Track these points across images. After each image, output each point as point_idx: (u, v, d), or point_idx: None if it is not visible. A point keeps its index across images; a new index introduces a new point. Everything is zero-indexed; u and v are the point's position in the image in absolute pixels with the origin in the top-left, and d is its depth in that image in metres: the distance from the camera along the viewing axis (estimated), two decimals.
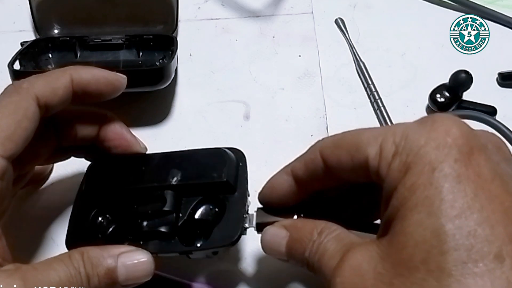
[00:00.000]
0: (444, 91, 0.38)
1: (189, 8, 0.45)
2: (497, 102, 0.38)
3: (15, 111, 0.23)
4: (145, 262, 0.24)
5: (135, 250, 0.24)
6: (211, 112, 0.39)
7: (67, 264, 0.22)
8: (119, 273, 0.23)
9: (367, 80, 0.40)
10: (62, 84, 0.25)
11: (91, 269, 0.23)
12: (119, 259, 0.23)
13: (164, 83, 0.35)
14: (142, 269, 0.24)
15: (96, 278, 0.23)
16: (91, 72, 0.27)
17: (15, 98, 0.24)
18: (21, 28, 0.44)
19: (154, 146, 0.36)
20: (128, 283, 0.24)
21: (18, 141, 0.23)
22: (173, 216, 0.26)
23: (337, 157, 0.22)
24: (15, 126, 0.23)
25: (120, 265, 0.23)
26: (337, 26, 0.44)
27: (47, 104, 0.25)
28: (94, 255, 0.23)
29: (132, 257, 0.24)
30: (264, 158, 0.37)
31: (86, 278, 0.22)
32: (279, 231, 0.25)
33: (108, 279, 0.23)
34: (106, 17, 0.42)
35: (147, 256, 0.24)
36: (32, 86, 0.24)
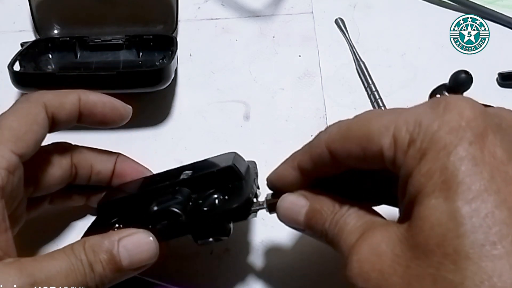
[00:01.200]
0: (444, 91, 0.38)
1: (189, 8, 0.45)
2: (497, 102, 0.38)
3: (26, 115, 0.24)
4: (148, 242, 0.24)
5: (136, 231, 0.24)
6: (211, 112, 0.39)
7: (68, 254, 0.22)
8: (122, 257, 0.23)
9: (367, 80, 0.40)
10: (70, 101, 0.27)
11: (93, 256, 0.23)
12: (120, 243, 0.23)
13: (164, 84, 0.35)
14: (146, 250, 0.24)
15: (100, 265, 0.23)
16: (99, 96, 0.28)
17: (26, 104, 0.25)
18: (21, 28, 0.44)
19: (154, 146, 0.36)
20: (133, 266, 0.23)
21: (28, 143, 0.24)
22: (183, 202, 0.26)
23: (347, 150, 0.22)
24: (26, 128, 0.24)
25: (122, 249, 0.23)
26: (337, 26, 0.44)
27: (54, 116, 0.26)
28: (95, 242, 0.23)
29: (133, 239, 0.24)
30: (264, 158, 0.36)
31: (89, 267, 0.22)
32: (298, 199, 0.25)
33: (111, 264, 0.23)
34: (106, 17, 0.42)
35: (149, 236, 0.24)
36: (41, 96, 0.26)
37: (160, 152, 0.37)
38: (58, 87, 0.35)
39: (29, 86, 0.36)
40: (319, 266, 0.31)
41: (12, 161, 0.23)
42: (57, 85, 0.35)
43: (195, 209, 0.26)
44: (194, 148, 0.37)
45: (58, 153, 0.28)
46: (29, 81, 0.36)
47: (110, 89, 0.35)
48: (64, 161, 0.28)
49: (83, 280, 0.22)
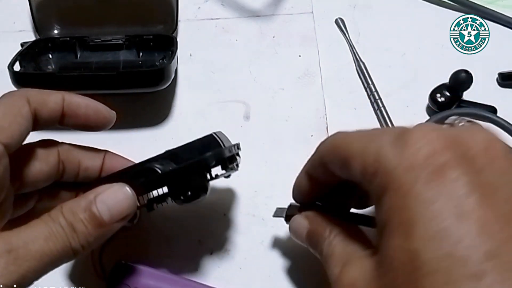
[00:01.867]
0: (444, 90, 0.38)
1: (189, 8, 0.45)
2: (497, 102, 0.38)
3: (10, 107, 0.24)
4: (124, 192, 0.24)
5: (111, 186, 0.24)
6: (211, 112, 0.39)
7: (46, 221, 0.22)
8: (102, 211, 0.23)
9: (367, 80, 0.40)
10: (53, 99, 0.26)
11: (73, 217, 0.23)
12: (97, 199, 0.24)
13: (164, 84, 0.35)
14: (123, 200, 0.24)
15: (81, 224, 0.23)
16: (83, 98, 0.28)
17: (10, 98, 0.25)
18: (21, 28, 0.44)
19: (154, 147, 0.36)
20: (114, 219, 0.24)
21: (13, 133, 0.24)
22: (164, 165, 0.27)
23: (334, 166, 0.24)
24: (11, 119, 0.24)
25: (100, 204, 0.23)
26: (337, 26, 0.44)
27: (36, 112, 0.26)
28: (72, 204, 0.23)
29: (109, 193, 0.24)
30: (264, 158, 0.37)
31: (69, 227, 0.22)
32: (302, 221, 0.28)
33: (93, 221, 0.23)
34: (106, 17, 0.42)
35: (125, 187, 0.25)
36: (25, 92, 0.26)
37: (160, 152, 0.37)
38: (58, 87, 0.35)
39: (29, 86, 0.35)
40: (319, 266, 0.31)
41: (0, 151, 0.23)
42: (57, 85, 0.35)
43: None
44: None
45: (44, 149, 0.27)
46: (29, 81, 0.35)
47: (110, 89, 0.35)
48: (51, 157, 0.27)
49: (65, 242, 0.22)
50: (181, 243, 0.33)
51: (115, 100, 0.39)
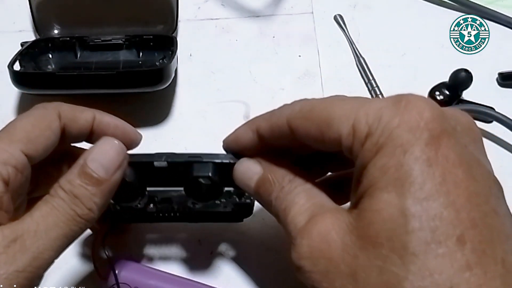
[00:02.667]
0: (444, 89, 0.38)
1: (189, 8, 0.45)
2: (497, 102, 0.38)
3: (41, 120, 0.24)
4: (112, 144, 0.24)
5: (96, 143, 0.25)
6: (211, 112, 0.39)
7: (46, 200, 0.22)
8: (96, 169, 0.23)
9: (367, 76, 0.40)
10: (84, 117, 0.26)
11: (70, 185, 0.23)
12: (86, 160, 0.23)
13: (164, 84, 0.35)
14: (111, 151, 0.24)
15: (80, 188, 0.23)
16: (113, 118, 0.28)
17: (42, 110, 0.25)
18: (21, 28, 0.44)
19: (154, 147, 0.36)
20: (110, 172, 0.23)
21: (39, 146, 0.24)
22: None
23: (306, 130, 0.22)
24: (39, 132, 0.24)
25: (91, 163, 0.23)
26: (336, 22, 0.44)
27: (66, 127, 0.26)
28: (66, 176, 0.23)
29: (98, 150, 0.24)
30: None
31: (70, 196, 0.22)
32: (253, 166, 0.25)
33: (91, 181, 0.23)
34: (106, 17, 0.42)
35: (109, 139, 0.25)
36: (58, 106, 0.26)
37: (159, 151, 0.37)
38: (58, 87, 0.35)
39: (29, 86, 0.36)
40: None
41: (21, 160, 0.23)
42: (57, 85, 0.35)
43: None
44: (194, 148, 0.37)
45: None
46: (29, 80, 0.36)
47: (110, 88, 0.35)
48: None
49: (68, 212, 0.22)
50: (181, 243, 0.33)
51: (115, 100, 0.39)
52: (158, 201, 0.29)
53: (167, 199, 0.29)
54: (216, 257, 0.32)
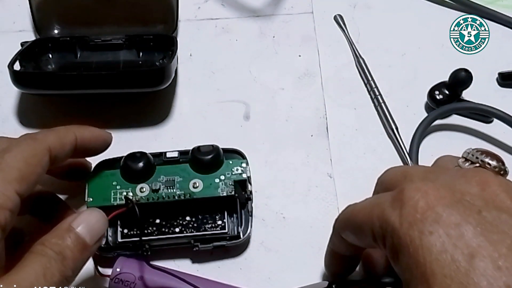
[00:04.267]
0: (443, 88, 0.38)
1: (189, 8, 0.45)
2: (497, 102, 0.38)
3: (32, 156, 0.25)
4: (96, 215, 0.26)
5: (83, 211, 0.26)
6: (211, 112, 0.39)
7: (34, 259, 0.22)
8: (83, 234, 0.24)
9: (367, 76, 0.40)
10: (69, 141, 0.28)
11: (58, 246, 0.23)
12: (73, 224, 0.24)
13: (164, 84, 0.35)
14: (97, 222, 0.25)
15: (68, 250, 0.23)
16: (90, 131, 0.29)
17: (33, 145, 0.25)
18: (21, 28, 0.44)
19: (154, 147, 0.36)
20: (94, 240, 0.25)
21: (30, 184, 0.24)
22: None
23: (350, 238, 0.24)
24: (31, 170, 0.24)
25: (79, 228, 0.24)
26: (336, 22, 0.44)
27: (56, 156, 0.26)
28: (52, 235, 0.24)
29: (84, 216, 0.25)
30: (264, 158, 0.37)
31: (60, 256, 0.23)
32: None
33: (79, 244, 0.24)
34: (106, 17, 0.42)
35: (96, 210, 0.26)
36: (46, 138, 0.26)
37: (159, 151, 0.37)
38: (58, 87, 0.35)
39: (29, 86, 0.36)
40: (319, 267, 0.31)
41: (15, 202, 0.23)
42: (57, 85, 0.35)
43: None
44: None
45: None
46: (29, 80, 0.35)
47: (110, 88, 0.35)
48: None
49: (60, 272, 0.22)
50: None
51: (115, 100, 0.39)
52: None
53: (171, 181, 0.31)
54: (216, 257, 0.32)
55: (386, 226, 0.20)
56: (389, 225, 0.20)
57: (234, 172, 0.32)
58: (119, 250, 0.31)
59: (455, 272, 0.17)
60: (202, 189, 0.31)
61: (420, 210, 0.19)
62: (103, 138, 0.30)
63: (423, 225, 0.19)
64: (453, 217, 0.19)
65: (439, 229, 0.18)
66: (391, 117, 0.38)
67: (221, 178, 0.31)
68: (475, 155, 0.23)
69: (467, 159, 0.23)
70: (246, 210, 0.32)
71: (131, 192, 0.31)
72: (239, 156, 0.34)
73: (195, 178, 0.31)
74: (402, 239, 0.19)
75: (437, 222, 0.19)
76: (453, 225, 0.18)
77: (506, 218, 0.19)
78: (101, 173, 0.32)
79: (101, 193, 0.31)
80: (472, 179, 0.20)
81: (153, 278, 0.30)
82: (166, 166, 0.32)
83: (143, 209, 0.30)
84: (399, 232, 0.19)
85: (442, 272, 0.18)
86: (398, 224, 0.19)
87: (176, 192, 0.31)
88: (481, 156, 0.23)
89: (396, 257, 0.20)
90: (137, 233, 0.31)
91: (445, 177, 0.21)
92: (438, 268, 0.18)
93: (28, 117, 0.39)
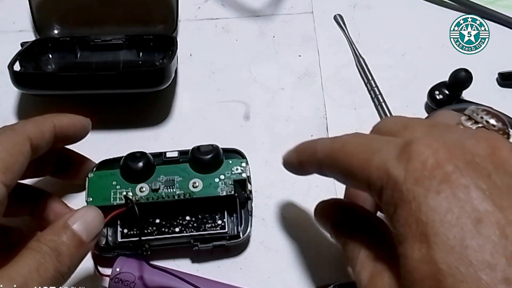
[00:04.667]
0: (443, 88, 0.38)
1: (189, 8, 0.45)
2: (497, 102, 0.38)
3: (13, 146, 0.25)
4: (93, 212, 0.26)
5: (80, 208, 0.26)
6: (211, 112, 0.39)
7: (28, 255, 0.22)
8: (80, 231, 0.24)
9: (367, 76, 0.40)
10: (48, 129, 0.27)
11: (54, 242, 0.23)
12: (69, 221, 0.25)
13: (164, 84, 0.35)
14: (94, 219, 0.26)
15: (64, 246, 0.23)
16: (69, 118, 0.29)
17: (12, 135, 0.25)
18: (21, 28, 0.44)
19: (154, 147, 0.36)
20: (90, 237, 0.25)
21: (15, 174, 0.24)
22: None
23: (335, 175, 0.24)
24: (14, 160, 0.24)
25: (75, 225, 0.24)
26: (336, 22, 0.44)
27: (37, 146, 0.27)
28: (48, 232, 0.24)
29: (81, 213, 0.25)
30: (264, 158, 0.37)
31: (56, 252, 0.23)
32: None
33: (74, 240, 0.24)
34: (106, 17, 0.42)
35: (93, 207, 0.26)
36: (25, 128, 0.26)
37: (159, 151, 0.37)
38: (58, 87, 0.35)
39: (29, 86, 0.36)
40: (320, 267, 0.31)
41: (2, 193, 0.23)
42: (57, 85, 0.35)
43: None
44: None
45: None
46: (29, 81, 0.35)
47: (110, 89, 0.35)
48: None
49: (55, 268, 0.22)
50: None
51: (115, 100, 0.39)
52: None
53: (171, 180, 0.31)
54: (216, 257, 0.32)
55: (387, 179, 0.19)
56: (391, 178, 0.19)
57: (234, 171, 0.32)
58: (119, 250, 0.31)
59: (459, 235, 0.17)
60: (202, 189, 0.31)
61: (430, 168, 0.18)
62: (81, 124, 0.30)
63: (430, 183, 0.18)
64: (463, 178, 0.18)
65: (447, 190, 0.18)
66: None
67: (221, 177, 0.31)
68: (480, 114, 0.22)
69: (471, 118, 0.22)
70: (246, 209, 0.32)
71: (131, 192, 0.31)
72: (239, 155, 0.34)
73: (195, 177, 0.31)
74: (404, 195, 0.18)
75: (446, 182, 0.18)
76: (462, 187, 0.18)
77: None
78: (101, 173, 0.32)
79: (101, 192, 0.31)
80: (483, 141, 0.19)
81: (153, 277, 0.30)
82: (166, 166, 0.32)
83: (143, 209, 0.30)
84: (402, 187, 0.18)
85: (445, 233, 0.17)
86: (402, 179, 0.18)
87: (176, 192, 0.31)
88: (486, 116, 0.22)
89: (393, 211, 0.19)
90: (137, 233, 0.31)
91: (452, 135, 0.20)
92: (442, 229, 0.17)
93: (28, 117, 0.38)
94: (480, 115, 0.22)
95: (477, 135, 0.20)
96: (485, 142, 0.19)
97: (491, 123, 0.22)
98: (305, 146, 0.27)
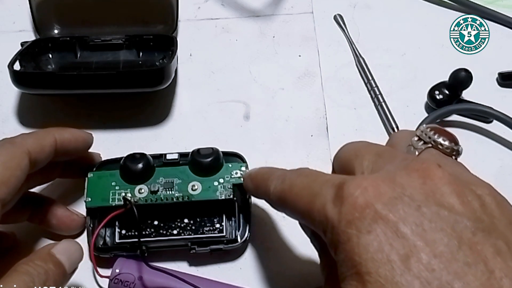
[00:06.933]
0: (443, 88, 0.38)
1: (189, 8, 0.45)
2: (497, 102, 0.38)
3: (10, 160, 0.25)
4: (75, 245, 0.26)
5: (62, 241, 0.26)
6: (211, 112, 0.39)
7: (18, 276, 0.23)
8: (63, 261, 0.25)
9: (367, 76, 0.40)
10: (48, 143, 0.28)
11: (41, 267, 0.23)
12: (53, 251, 0.25)
13: (164, 84, 0.35)
14: (75, 252, 0.26)
15: (51, 273, 0.24)
16: (71, 132, 0.30)
17: (11, 149, 0.26)
18: (21, 28, 0.44)
19: (154, 147, 0.36)
20: (71, 269, 0.25)
21: (10, 188, 0.25)
22: None
23: (290, 216, 0.24)
24: (10, 174, 0.25)
25: (59, 255, 0.25)
26: (336, 22, 0.44)
27: (36, 159, 0.27)
28: (33, 257, 0.24)
29: (64, 245, 0.25)
30: (264, 158, 0.37)
31: (43, 278, 0.23)
32: None
33: (59, 268, 0.24)
34: (106, 17, 0.42)
35: (74, 241, 0.26)
36: (25, 142, 0.27)
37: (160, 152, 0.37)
38: (58, 87, 0.35)
39: (29, 86, 0.36)
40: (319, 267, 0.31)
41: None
42: (57, 85, 0.35)
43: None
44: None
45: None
46: (29, 80, 0.35)
47: (110, 88, 0.35)
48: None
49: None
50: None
51: (115, 100, 0.39)
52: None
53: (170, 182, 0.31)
54: (216, 257, 0.32)
55: (326, 222, 0.20)
56: (329, 221, 0.20)
57: (233, 175, 0.32)
58: (117, 251, 0.31)
59: (390, 272, 0.17)
60: (201, 192, 0.31)
61: (359, 209, 0.19)
62: (83, 139, 0.31)
63: (361, 223, 0.18)
64: (392, 215, 0.18)
65: (377, 228, 0.18)
66: (392, 117, 0.38)
67: (220, 181, 0.31)
68: (428, 134, 0.22)
69: (420, 138, 0.23)
70: (245, 214, 0.32)
71: (130, 193, 0.31)
72: (239, 159, 0.33)
73: (194, 180, 0.31)
74: (340, 237, 0.19)
75: (376, 221, 0.18)
76: (391, 224, 0.18)
77: (445, 214, 0.18)
78: (101, 173, 0.32)
79: (99, 193, 0.31)
80: (414, 172, 0.19)
81: (153, 278, 0.30)
82: (166, 168, 0.32)
83: (141, 210, 0.30)
84: (338, 229, 0.19)
85: (377, 272, 0.17)
86: (337, 222, 0.19)
87: (175, 194, 0.31)
88: (433, 136, 0.22)
89: (334, 252, 0.19)
90: (135, 234, 0.31)
91: (389, 167, 0.21)
92: (374, 267, 0.18)
93: (28, 117, 0.39)
94: (428, 135, 0.22)
95: (409, 166, 0.20)
96: (416, 173, 0.19)
97: (439, 142, 0.22)
98: (260, 181, 0.27)
